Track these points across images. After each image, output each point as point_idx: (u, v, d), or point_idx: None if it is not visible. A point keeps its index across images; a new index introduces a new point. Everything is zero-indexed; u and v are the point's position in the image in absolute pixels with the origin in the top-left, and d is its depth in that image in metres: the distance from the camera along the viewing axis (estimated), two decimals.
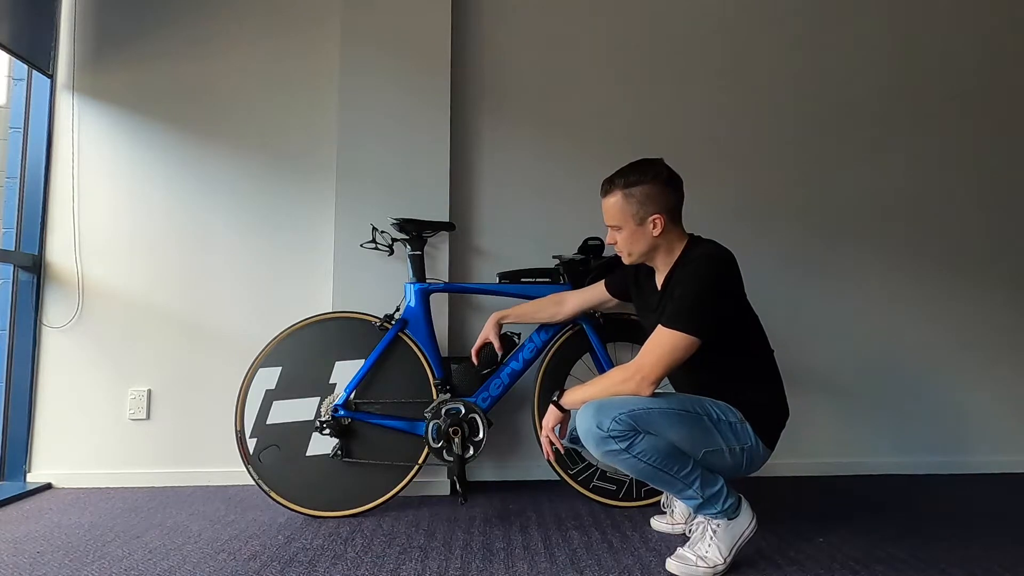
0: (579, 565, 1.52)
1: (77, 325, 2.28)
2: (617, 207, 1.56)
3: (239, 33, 2.42)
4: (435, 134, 2.29)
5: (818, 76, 2.59)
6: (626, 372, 1.46)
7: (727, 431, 1.48)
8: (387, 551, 1.61)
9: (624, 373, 1.46)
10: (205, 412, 2.27)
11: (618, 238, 1.59)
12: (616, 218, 1.57)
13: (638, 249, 1.57)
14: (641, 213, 1.54)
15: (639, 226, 1.55)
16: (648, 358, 1.44)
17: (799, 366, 2.39)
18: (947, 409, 2.52)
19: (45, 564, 1.53)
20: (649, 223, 1.54)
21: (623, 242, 1.58)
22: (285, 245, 2.38)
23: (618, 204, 1.55)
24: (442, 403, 1.95)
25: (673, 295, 1.50)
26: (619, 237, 1.59)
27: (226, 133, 2.39)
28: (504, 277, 2.14)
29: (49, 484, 2.21)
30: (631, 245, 1.57)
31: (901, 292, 2.55)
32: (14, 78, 2.38)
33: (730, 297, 1.51)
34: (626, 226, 1.56)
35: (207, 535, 1.73)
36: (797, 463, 2.38)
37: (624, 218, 1.55)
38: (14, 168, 2.32)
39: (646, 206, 1.53)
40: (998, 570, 1.51)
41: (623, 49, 2.53)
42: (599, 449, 1.43)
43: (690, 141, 2.51)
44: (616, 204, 1.56)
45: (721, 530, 1.46)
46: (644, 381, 1.43)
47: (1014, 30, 2.67)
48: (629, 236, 1.56)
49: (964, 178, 2.61)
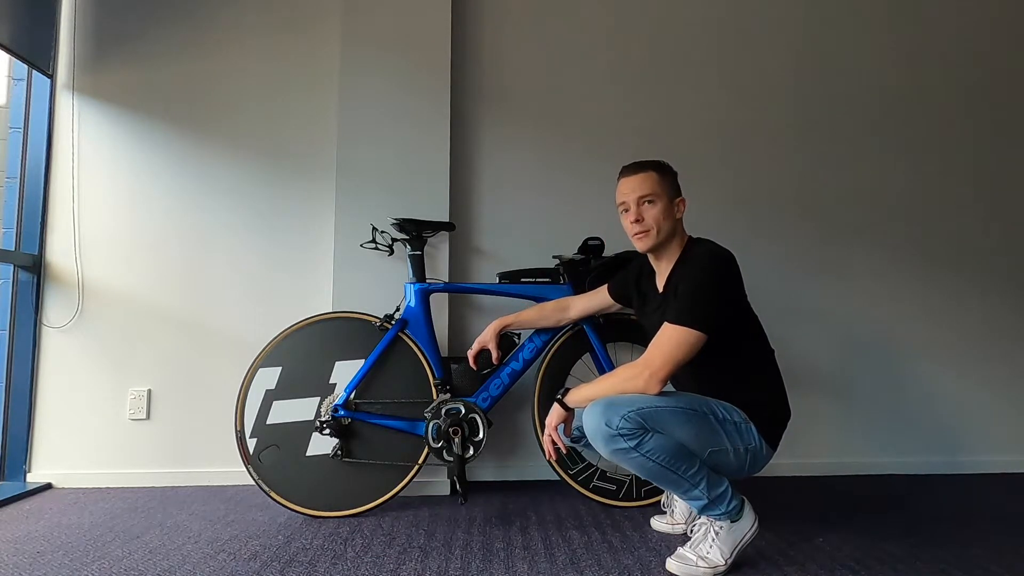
0: (579, 565, 1.52)
1: (77, 325, 2.28)
2: (654, 179, 1.58)
3: (239, 33, 2.42)
4: (435, 134, 2.29)
5: (818, 76, 2.59)
6: (633, 370, 1.45)
7: (732, 431, 1.48)
8: (387, 551, 1.61)
9: (631, 371, 1.46)
10: (205, 412, 2.27)
11: (649, 213, 1.56)
12: (653, 188, 1.57)
13: (667, 226, 1.57)
14: (671, 192, 1.59)
15: (671, 203, 1.58)
16: (655, 355, 1.44)
17: (799, 366, 2.40)
18: (947, 409, 2.52)
19: (45, 564, 1.53)
20: (676, 205, 1.59)
21: (656, 215, 1.56)
22: (285, 245, 2.38)
23: (654, 177, 1.58)
24: (442, 403, 1.95)
25: (676, 292, 1.50)
26: (651, 211, 1.56)
27: (226, 133, 2.39)
28: (504, 277, 2.14)
29: (49, 484, 2.21)
30: (662, 220, 1.56)
31: (901, 292, 2.55)
32: (14, 78, 2.38)
33: (732, 294, 1.52)
34: (661, 199, 1.57)
35: (207, 535, 1.73)
36: (797, 463, 2.38)
37: (661, 190, 1.57)
38: (14, 168, 2.32)
39: (675, 188, 1.61)
40: (998, 570, 1.51)
41: (623, 49, 2.53)
42: (608, 447, 1.42)
43: (690, 140, 2.51)
44: (652, 177, 1.58)
45: (724, 532, 1.46)
46: (652, 378, 1.42)
47: (1015, 30, 2.68)
48: (664, 209, 1.57)
49: (964, 178, 2.61)
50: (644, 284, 1.71)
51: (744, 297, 1.57)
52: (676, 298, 1.49)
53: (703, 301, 1.45)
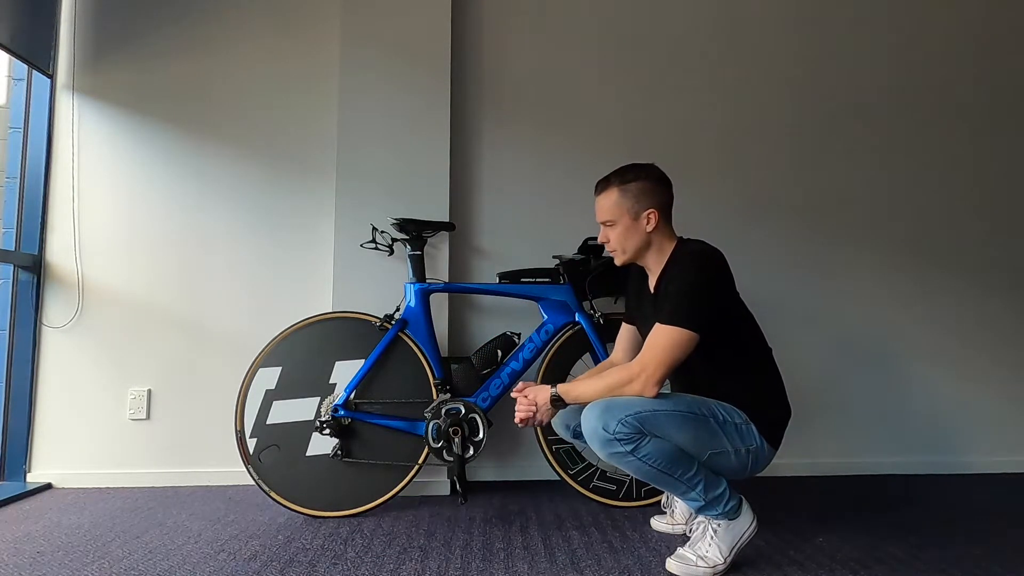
0: (579, 565, 1.52)
1: (77, 325, 2.28)
2: (612, 201, 1.57)
3: (239, 33, 2.42)
4: (435, 134, 2.29)
5: (819, 75, 2.59)
6: (629, 373, 1.44)
7: (733, 432, 1.47)
8: (387, 551, 1.61)
9: (627, 373, 1.45)
10: (205, 412, 2.27)
11: (611, 235, 1.59)
12: (611, 212, 1.58)
13: (632, 245, 1.58)
14: (636, 208, 1.56)
15: (634, 221, 1.56)
16: (649, 358, 1.43)
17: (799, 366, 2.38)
18: (947, 409, 2.52)
19: (45, 564, 1.53)
20: (643, 218, 1.56)
21: (617, 238, 1.59)
22: (285, 245, 2.38)
23: (613, 198, 1.57)
24: (442, 403, 1.95)
25: (667, 292, 1.50)
26: (612, 234, 1.59)
27: (226, 133, 2.39)
28: (504, 277, 2.14)
29: (49, 484, 2.21)
30: (624, 241, 1.58)
31: (901, 292, 2.55)
32: (14, 78, 2.38)
33: (722, 291, 1.51)
34: (620, 221, 1.57)
35: (207, 535, 1.73)
36: (797, 463, 2.38)
37: (620, 212, 1.57)
38: (14, 168, 2.32)
39: (641, 201, 1.56)
40: (998, 570, 1.51)
41: (623, 49, 2.53)
42: (604, 451, 1.42)
43: (689, 141, 2.51)
44: (611, 198, 1.58)
45: (722, 530, 1.46)
46: (648, 381, 1.41)
47: (1015, 30, 2.67)
48: (624, 232, 1.57)
49: (964, 178, 2.61)
50: (639, 290, 1.71)
51: (736, 295, 1.57)
52: (667, 298, 1.49)
53: (692, 300, 1.45)
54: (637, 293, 1.72)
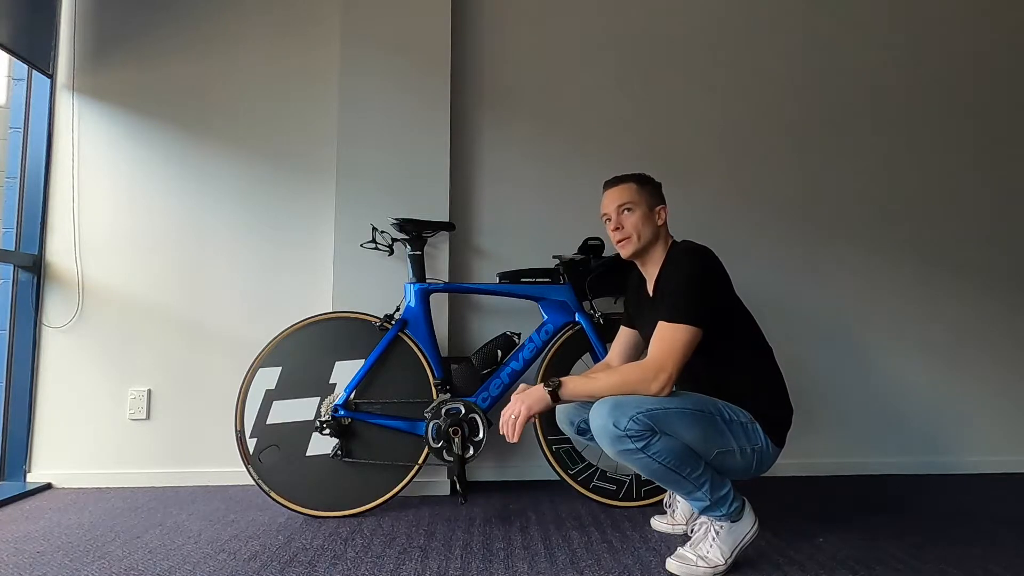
0: (579, 565, 1.52)
1: (77, 325, 2.28)
2: (632, 190, 1.63)
3: (239, 33, 2.42)
4: (435, 134, 2.29)
5: (818, 76, 2.59)
6: (643, 372, 1.43)
7: (739, 432, 1.47)
8: (387, 551, 1.61)
9: (642, 372, 1.43)
10: (205, 412, 2.27)
11: (628, 221, 1.61)
12: (631, 197, 1.62)
13: (646, 233, 1.60)
14: (651, 201, 1.63)
15: (650, 211, 1.62)
16: (666, 356, 1.43)
17: (799, 366, 2.39)
18: (947, 409, 2.52)
19: (45, 564, 1.53)
20: (656, 212, 1.63)
21: (634, 223, 1.60)
22: (285, 245, 2.38)
23: (632, 188, 1.63)
24: (442, 403, 1.95)
25: (666, 292, 1.52)
26: (630, 219, 1.61)
27: (226, 133, 2.39)
28: (504, 277, 2.14)
29: (49, 484, 2.21)
30: (641, 227, 1.60)
31: (901, 291, 2.55)
32: (14, 78, 2.38)
33: (718, 285, 1.53)
34: (639, 207, 1.61)
35: (207, 535, 1.73)
36: (797, 463, 2.37)
37: (639, 199, 1.62)
38: (14, 168, 2.32)
39: (655, 196, 1.65)
40: (998, 570, 1.51)
41: (622, 49, 2.53)
42: (614, 448, 1.41)
43: (689, 141, 2.51)
44: (630, 188, 1.63)
45: (724, 532, 1.46)
46: (669, 381, 1.42)
47: (1016, 29, 2.67)
48: (641, 217, 1.60)
49: (964, 178, 2.61)
50: (638, 295, 1.72)
51: (733, 293, 1.58)
52: (666, 297, 1.50)
53: (691, 296, 1.46)
54: (636, 297, 1.74)
